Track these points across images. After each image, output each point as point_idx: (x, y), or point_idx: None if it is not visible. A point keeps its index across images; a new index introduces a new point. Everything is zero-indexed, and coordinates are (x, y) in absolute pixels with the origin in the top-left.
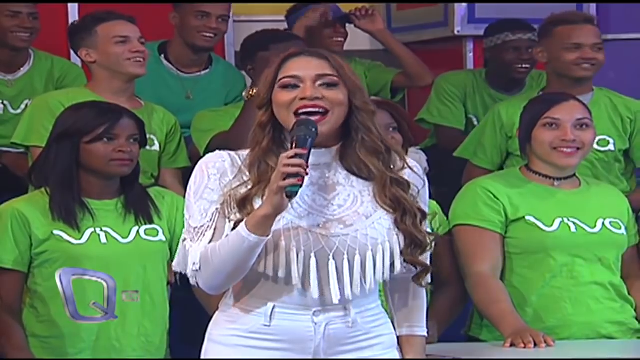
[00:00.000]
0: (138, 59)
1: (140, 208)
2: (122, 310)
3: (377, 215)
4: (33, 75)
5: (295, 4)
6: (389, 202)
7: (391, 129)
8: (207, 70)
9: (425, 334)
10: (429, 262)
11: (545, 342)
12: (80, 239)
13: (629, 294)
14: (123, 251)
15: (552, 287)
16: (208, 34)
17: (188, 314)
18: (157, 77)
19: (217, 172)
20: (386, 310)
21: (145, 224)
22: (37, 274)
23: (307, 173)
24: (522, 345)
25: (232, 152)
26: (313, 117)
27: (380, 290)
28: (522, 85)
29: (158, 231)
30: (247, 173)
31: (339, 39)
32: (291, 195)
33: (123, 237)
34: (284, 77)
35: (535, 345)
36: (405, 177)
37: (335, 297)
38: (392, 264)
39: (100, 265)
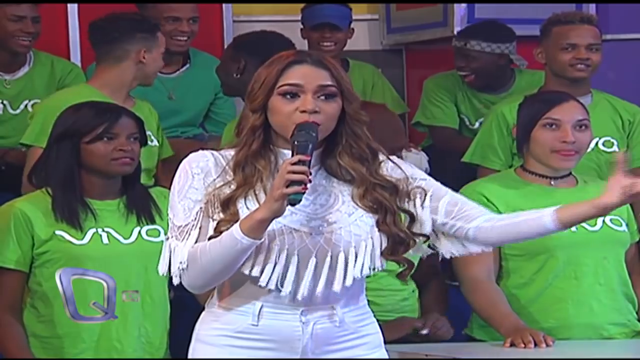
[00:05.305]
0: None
1: (142, 208)
2: (122, 311)
3: (359, 213)
4: (33, 76)
5: (307, 3)
6: (369, 204)
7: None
8: (187, 67)
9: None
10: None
11: (545, 341)
12: (82, 239)
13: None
14: (125, 252)
15: (554, 287)
16: (182, 38)
17: (188, 314)
18: None
19: (201, 172)
20: (372, 310)
21: (147, 224)
22: (38, 273)
23: (310, 181)
24: (522, 345)
25: (215, 152)
26: None
27: (366, 289)
28: (509, 84)
29: (160, 232)
30: (232, 173)
31: (326, 44)
32: (294, 203)
33: (125, 238)
34: (284, 85)
35: (535, 345)
36: (390, 173)
37: (302, 294)
38: (372, 262)
39: (102, 265)
